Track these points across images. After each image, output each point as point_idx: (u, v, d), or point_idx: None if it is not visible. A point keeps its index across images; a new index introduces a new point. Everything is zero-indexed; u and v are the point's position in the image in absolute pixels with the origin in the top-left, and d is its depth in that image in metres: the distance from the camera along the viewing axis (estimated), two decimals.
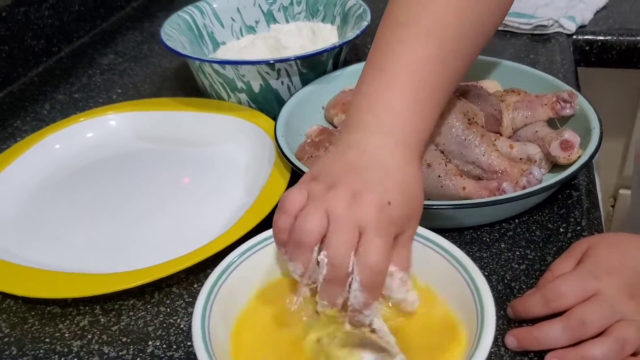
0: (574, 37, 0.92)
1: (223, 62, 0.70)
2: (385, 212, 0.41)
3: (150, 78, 0.90)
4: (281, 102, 0.73)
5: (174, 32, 0.78)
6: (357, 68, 0.75)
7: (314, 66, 0.73)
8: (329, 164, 0.45)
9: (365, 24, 0.75)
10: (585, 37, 0.92)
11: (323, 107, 0.73)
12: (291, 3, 0.87)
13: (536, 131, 0.64)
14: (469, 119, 0.61)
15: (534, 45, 0.91)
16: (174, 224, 0.61)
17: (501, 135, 0.65)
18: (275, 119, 0.70)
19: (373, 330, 0.40)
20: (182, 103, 0.76)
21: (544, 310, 0.46)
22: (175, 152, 0.72)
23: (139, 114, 0.75)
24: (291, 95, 0.72)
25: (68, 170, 0.70)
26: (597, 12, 0.97)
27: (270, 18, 0.88)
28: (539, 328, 0.45)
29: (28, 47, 0.91)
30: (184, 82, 0.87)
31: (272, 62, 0.69)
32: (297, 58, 0.70)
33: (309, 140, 0.65)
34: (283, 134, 0.64)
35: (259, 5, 0.87)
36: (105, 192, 0.66)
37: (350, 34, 0.74)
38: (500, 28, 0.92)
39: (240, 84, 0.72)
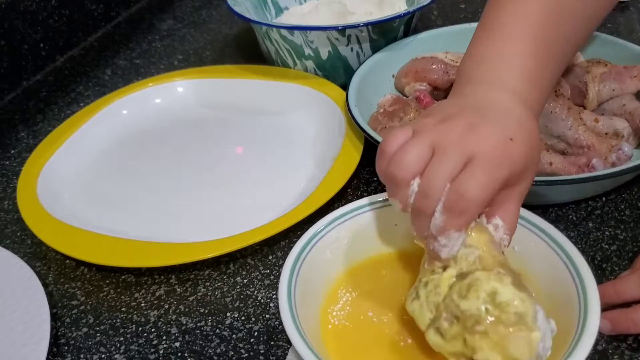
0: None
1: (292, 28, 0.68)
2: (506, 147, 0.36)
3: (211, 44, 0.88)
4: (348, 70, 0.71)
5: None
6: (429, 35, 0.72)
7: (385, 33, 0.70)
8: (443, 104, 0.42)
9: None
10: None
11: (393, 76, 0.70)
12: None
13: (624, 104, 0.60)
14: (555, 91, 0.57)
15: (611, 13, 0.85)
16: (244, 193, 0.60)
17: (585, 108, 0.61)
18: (342, 87, 0.68)
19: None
20: (248, 70, 0.74)
21: None
22: (242, 121, 0.70)
23: (205, 81, 0.74)
24: (360, 62, 0.69)
25: (135, 136, 0.69)
26: None
27: None
28: (636, 310, 0.43)
29: (88, 11, 0.90)
30: (245, 49, 0.86)
31: (342, 27, 0.67)
32: (368, 24, 0.67)
33: (382, 110, 0.63)
34: (356, 104, 0.61)
35: None
36: (173, 159, 0.65)
37: (423, 0, 0.70)
38: None
39: (307, 51, 0.70)
